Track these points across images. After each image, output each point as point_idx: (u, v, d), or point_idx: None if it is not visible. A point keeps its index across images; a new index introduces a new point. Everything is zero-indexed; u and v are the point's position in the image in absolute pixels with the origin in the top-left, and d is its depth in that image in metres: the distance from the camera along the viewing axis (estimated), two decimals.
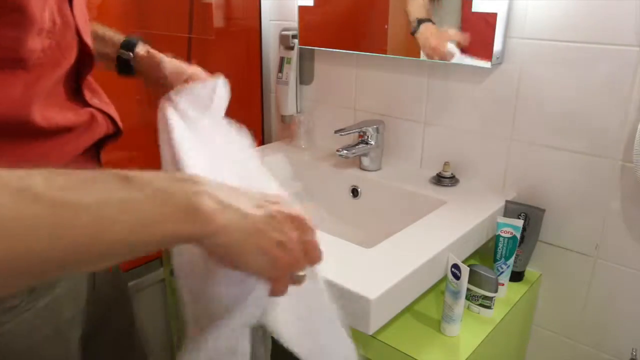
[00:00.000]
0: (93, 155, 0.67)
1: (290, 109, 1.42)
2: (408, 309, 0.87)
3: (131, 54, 0.82)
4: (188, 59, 1.49)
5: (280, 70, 1.40)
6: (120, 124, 0.70)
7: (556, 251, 1.06)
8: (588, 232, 1.01)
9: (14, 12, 0.50)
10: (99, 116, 0.66)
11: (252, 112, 1.55)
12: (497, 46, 1.00)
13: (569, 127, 0.99)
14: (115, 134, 0.70)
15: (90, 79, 0.67)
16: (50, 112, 0.57)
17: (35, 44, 0.53)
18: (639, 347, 0.99)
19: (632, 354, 0.99)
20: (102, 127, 0.66)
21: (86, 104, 0.64)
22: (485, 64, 1.01)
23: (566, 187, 1.01)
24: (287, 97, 1.40)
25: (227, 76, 0.77)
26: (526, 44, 1.00)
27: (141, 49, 0.82)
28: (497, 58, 1.02)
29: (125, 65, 0.82)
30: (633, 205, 0.95)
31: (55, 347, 0.63)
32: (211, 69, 0.83)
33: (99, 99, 0.68)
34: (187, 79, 0.76)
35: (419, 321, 0.90)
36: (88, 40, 0.62)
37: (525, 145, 1.05)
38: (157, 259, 1.45)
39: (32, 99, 0.55)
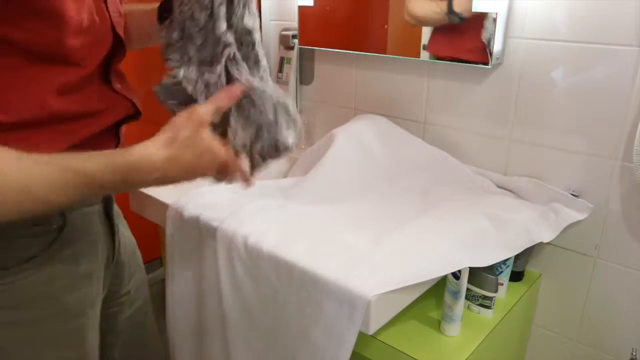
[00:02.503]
0: (113, 131, 0.72)
1: None
2: (408, 309, 0.87)
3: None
4: None
5: (280, 70, 1.40)
6: (140, 107, 0.75)
7: (556, 251, 1.06)
8: (588, 232, 1.01)
9: (52, 16, 0.55)
10: (122, 101, 0.71)
11: None
12: (497, 46, 1.00)
13: (568, 127, 0.99)
14: (134, 115, 0.74)
15: (117, 65, 0.71)
16: (81, 99, 0.63)
17: (76, 42, 0.59)
18: (639, 347, 0.99)
19: (632, 354, 0.99)
20: (123, 110, 0.72)
21: (112, 90, 0.69)
22: (485, 64, 1.01)
23: (566, 187, 1.01)
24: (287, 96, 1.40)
25: None
26: (526, 44, 1.00)
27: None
28: (497, 58, 1.02)
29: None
30: (633, 205, 0.95)
31: (72, 297, 0.70)
32: None
33: (122, 83, 0.72)
34: None
35: (419, 321, 0.90)
36: (121, 32, 0.67)
37: (525, 145, 1.05)
38: (157, 259, 1.45)
39: (70, 89, 0.61)
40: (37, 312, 0.66)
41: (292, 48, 1.36)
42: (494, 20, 0.97)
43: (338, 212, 0.99)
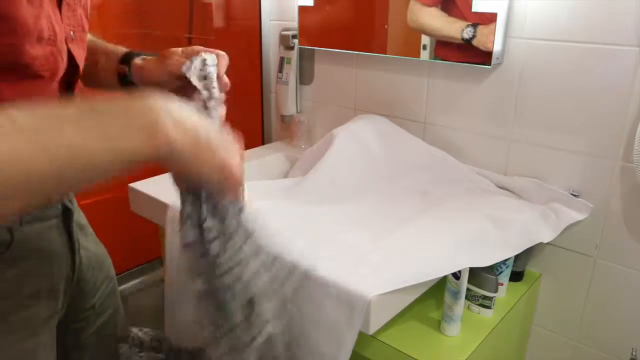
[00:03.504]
0: None
1: (290, 109, 1.42)
2: (408, 309, 0.87)
3: (127, 67, 0.78)
4: None
5: (280, 70, 1.40)
6: None
7: (556, 251, 1.06)
8: (588, 232, 1.01)
9: (3, 21, 0.51)
10: None
11: (252, 112, 1.55)
12: (497, 46, 1.00)
13: (569, 127, 0.99)
14: None
15: (82, 88, 0.68)
16: None
17: (37, 51, 0.55)
18: (639, 347, 0.99)
19: (632, 354, 0.99)
20: None
21: None
22: (485, 64, 1.01)
23: (566, 187, 1.01)
24: (287, 97, 1.40)
25: (227, 76, 0.78)
26: (526, 44, 1.00)
27: (138, 59, 0.78)
28: (497, 58, 1.02)
29: (124, 78, 0.78)
30: (633, 205, 0.95)
31: (19, 317, 0.66)
32: None
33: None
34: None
35: (419, 321, 0.90)
36: (73, 48, 0.63)
37: (525, 145, 1.05)
38: (157, 259, 1.45)
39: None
40: None
41: (292, 48, 1.36)
42: (494, 20, 0.98)
43: (338, 212, 0.99)
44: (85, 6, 0.67)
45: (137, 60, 0.78)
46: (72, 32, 0.63)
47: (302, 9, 1.29)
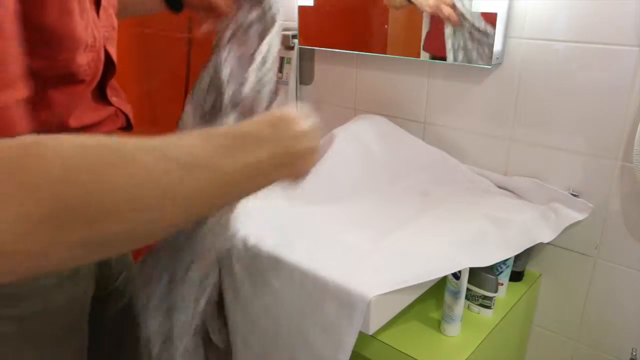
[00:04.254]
0: None
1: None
2: (408, 309, 0.87)
3: None
4: (188, 59, 1.49)
5: (280, 70, 1.40)
6: (132, 120, 0.76)
7: (556, 251, 1.06)
8: (588, 232, 1.01)
9: (65, 40, 0.56)
10: (116, 114, 0.72)
11: None
12: (497, 46, 1.00)
13: (569, 127, 0.99)
14: (126, 127, 0.75)
15: (112, 80, 0.72)
16: (81, 114, 0.64)
17: (83, 59, 0.60)
18: (639, 347, 0.99)
19: (632, 354, 0.99)
20: (117, 123, 0.72)
21: (108, 103, 0.70)
22: (485, 64, 1.01)
23: (566, 187, 1.01)
24: (287, 97, 1.40)
25: None
26: (526, 44, 1.00)
27: None
28: (497, 58, 1.02)
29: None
30: (633, 205, 0.95)
31: (60, 296, 0.70)
32: None
33: (118, 96, 0.73)
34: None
35: (419, 321, 0.90)
36: (110, 49, 0.68)
37: (525, 145, 1.05)
38: None
39: (76, 106, 0.62)
40: (28, 308, 0.67)
41: (292, 48, 1.36)
42: (494, 20, 0.98)
43: (338, 212, 0.99)
44: (115, 4, 0.69)
45: None
46: (106, 33, 0.67)
47: (302, 9, 1.29)
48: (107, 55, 0.67)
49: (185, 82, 1.52)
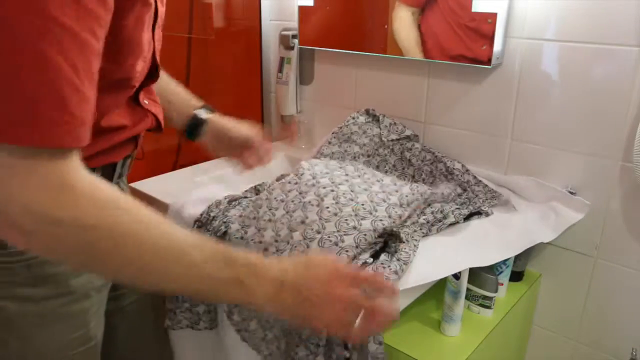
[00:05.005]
0: (134, 140, 0.75)
1: (290, 109, 1.42)
2: (408, 309, 0.87)
3: (207, 116, 0.94)
4: (188, 59, 1.49)
5: (280, 70, 1.40)
6: (162, 122, 0.79)
7: (556, 251, 1.06)
8: (588, 232, 1.01)
9: (135, 47, 0.63)
10: (147, 116, 0.75)
11: (252, 112, 1.55)
12: (497, 46, 1.00)
13: (568, 127, 0.99)
14: (156, 128, 0.79)
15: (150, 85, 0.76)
16: (115, 116, 0.67)
17: (139, 66, 0.66)
18: (639, 347, 0.99)
19: (632, 354, 0.99)
20: (147, 124, 0.75)
21: (139, 105, 0.73)
22: (485, 64, 1.01)
23: (565, 187, 1.01)
24: (287, 97, 1.40)
25: (227, 76, 0.82)
26: (526, 44, 1.00)
27: (214, 116, 0.95)
28: (497, 58, 1.02)
29: (194, 127, 0.93)
30: (633, 205, 0.95)
31: (78, 281, 0.73)
32: (211, 69, 0.86)
33: (150, 98, 0.76)
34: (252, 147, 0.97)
35: (419, 321, 0.90)
36: (158, 57, 0.73)
37: (525, 145, 1.05)
38: None
39: (113, 109, 0.67)
40: (44, 291, 0.69)
41: (292, 48, 1.36)
42: (494, 20, 0.98)
43: None
44: (163, 24, 0.74)
45: (217, 118, 0.95)
46: (158, 45, 0.72)
47: (302, 9, 1.29)
48: (155, 63, 0.72)
49: (185, 82, 1.52)
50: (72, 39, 0.47)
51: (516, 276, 1.04)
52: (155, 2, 0.66)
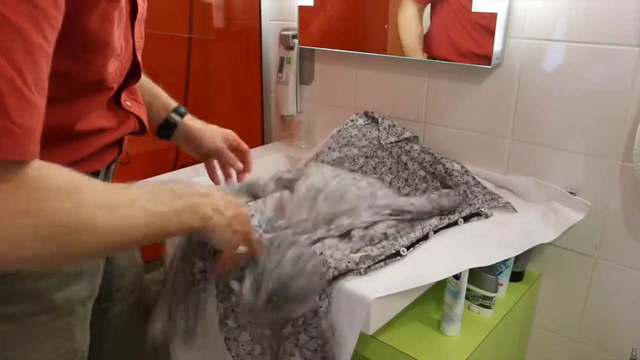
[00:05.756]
0: (117, 143, 0.74)
1: (290, 109, 1.42)
2: (408, 309, 0.87)
3: (179, 119, 0.92)
4: (188, 59, 1.49)
5: (280, 70, 1.40)
6: (147, 124, 0.77)
7: (556, 251, 1.06)
8: (588, 232, 1.01)
9: (103, 46, 0.59)
10: (130, 118, 0.73)
11: (252, 112, 1.54)
12: (497, 46, 1.00)
13: (568, 127, 0.99)
14: (140, 131, 0.77)
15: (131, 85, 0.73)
16: (94, 118, 0.65)
17: (113, 66, 0.63)
18: (639, 347, 0.99)
19: (632, 354, 0.99)
20: (130, 127, 0.73)
21: (121, 108, 0.71)
22: (485, 64, 1.01)
23: (565, 187, 1.01)
24: (287, 97, 1.40)
25: (227, 76, 0.81)
26: (526, 44, 1.00)
27: (189, 118, 0.93)
28: (497, 58, 1.02)
29: (166, 128, 0.92)
30: (633, 205, 0.95)
31: (61, 295, 0.72)
32: (211, 69, 0.85)
33: (132, 100, 0.74)
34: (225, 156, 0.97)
35: (419, 321, 0.90)
36: (139, 56, 0.70)
37: (525, 145, 1.05)
38: (157, 259, 1.45)
39: (89, 111, 0.64)
40: (27, 307, 0.67)
41: (292, 48, 1.36)
42: (494, 20, 0.98)
43: None
44: (145, 17, 0.71)
45: (189, 121, 0.92)
46: (138, 43, 0.69)
47: (302, 9, 1.29)
48: (136, 62, 0.69)
49: (185, 82, 1.52)
50: (20, 39, 0.42)
51: (516, 276, 1.04)
52: None
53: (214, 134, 0.95)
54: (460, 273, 0.82)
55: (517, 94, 1.04)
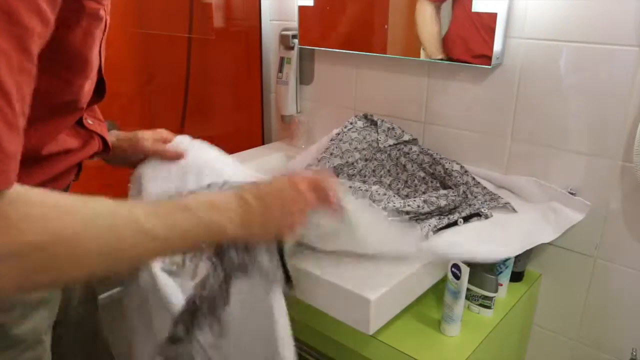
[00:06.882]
0: (77, 166, 0.70)
1: (290, 109, 1.42)
2: (408, 309, 0.87)
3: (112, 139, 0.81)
4: (188, 59, 1.50)
5: (280, 70, 1.40)
6: (110, 144, 0.74)
7: (556, 251, 1.06)
8: (588, 232, 1.01)
9: (83, 64, 0.57)
10: (94, 137, 0.70)
11: (252, 112, 1.54)
12: (497, 46, 1.00)
13: (568, 127, 0.99)
14: (102, 151, 0.73)
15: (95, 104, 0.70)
16: (61, 140, 0.63)
17: (88, 85, 0.60)
18: (639, 347, 0.99)
19: (632, 354, 0.99)
20: (95, 147, 0.70)
21: (83, 127, 0.68)
22: (485, 64, 1.01)
23: (565, 187, 1.01)
24: (287, 97, 1.40)
25: (227, 76, 0.80)
26: (526, 44, 1.00)
27: (114, 134, 0.81)
28: (497, 58, 1.02)
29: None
30: (633, 205, 0.95)
31: (25, 328, 0.66)
32: (211, 69, 0.83)
33: (93, 118, 0.71)
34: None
35: (419, 321, 0.90)
36: (103, 71, 0.67)
37: (525, 145, 1.05)
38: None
39: (57, 134, 0.61)
40: None
41: (292, 48, 1.36)
42: (494, 20, 0.98)
43: None
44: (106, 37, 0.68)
45: (113, 139, 0.80)
46: (103, 61, 0.66)
47: (302, 9, 1.29)
48: (101, 80, 0.66)
49: (185, 82, 1.52)
50: (5, 59, 0.39)
51: (516, 276, 1.04)
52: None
53: (138, 139, 0.85)
54: (460, 273, 0.82)
55: (517, 94, 1.04)
